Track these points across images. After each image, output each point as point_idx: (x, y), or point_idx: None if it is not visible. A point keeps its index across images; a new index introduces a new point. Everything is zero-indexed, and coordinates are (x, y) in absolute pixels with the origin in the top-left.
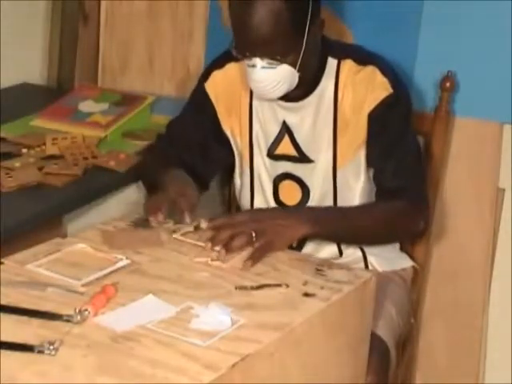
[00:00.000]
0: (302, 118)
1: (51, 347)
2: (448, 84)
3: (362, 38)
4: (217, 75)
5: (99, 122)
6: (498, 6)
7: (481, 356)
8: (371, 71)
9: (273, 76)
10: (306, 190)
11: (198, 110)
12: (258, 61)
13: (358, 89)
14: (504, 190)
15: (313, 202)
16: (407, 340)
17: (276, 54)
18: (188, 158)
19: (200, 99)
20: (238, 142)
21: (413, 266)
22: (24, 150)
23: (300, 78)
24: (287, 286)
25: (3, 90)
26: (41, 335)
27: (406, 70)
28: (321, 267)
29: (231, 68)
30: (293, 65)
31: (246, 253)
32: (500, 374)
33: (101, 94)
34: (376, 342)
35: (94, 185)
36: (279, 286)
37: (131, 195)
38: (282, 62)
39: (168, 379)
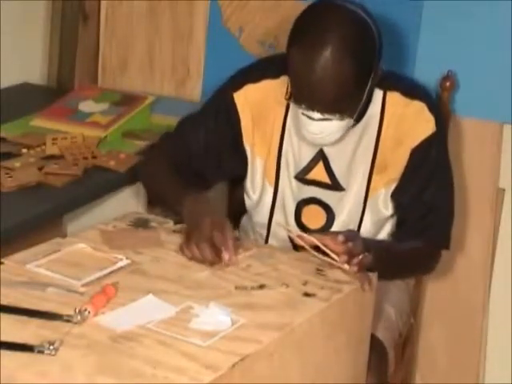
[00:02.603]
0: (341, 148)
1: (51, 347)
2: (448, 84)
3: None
4: (250, 88)
5: (99, 122)
6: (498, 6)
7: (481, 356)
8: (420, 108)
9: (330, 128)
10: (331, 216)
11: (220, 117)
12: (316, 114)
13: (404, 123)
14: (504, 190)
15: (335, 228)
16: (407, 340)
17: (336, 112)
18: (199, 163)
19: (225, 106)
20: (258, 160)
21: None
22: (24, 150)
23: None
24: (287, 285)
25: (3, 90)
26: (41, 335)
27: (406, 70)
28: (321, 267)
29: (267, 85)
30: (351, 116)
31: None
32: (500, 374)
33: (101, 94)
34: (374, 344)
35: (94, 185)
36: (279, 286)
37: (131, 195)
38: (341, 118)
39: (168, 379)
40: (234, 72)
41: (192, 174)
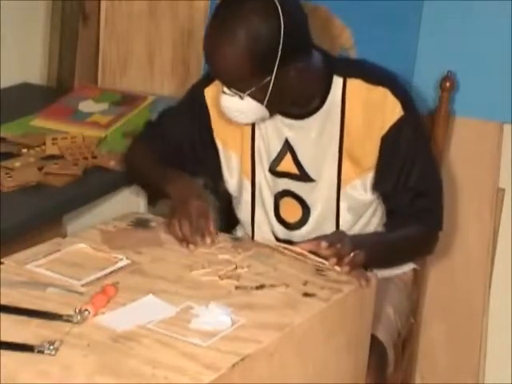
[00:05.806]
0: (305, 136)
1: (51, 347)
2: (448, 84)
3: (361, 37)
4: (219, 84)
5: (99, 122)
6: (498, 6)
7: (481, 356)
8: (383, 93)
9: (237, 105)
10: (306, 209)
11: (193, 112)
12: (225, 88)
13: (369, 110)
14: (504, 189)
15: (313, 220)
16: (407, 340)
17: (238, 90)
18: (176, 155)
19: (197, 101)
20: (233, 155)
21: (414, 268)
22: (24, 150)
23: (295, 99)
24: (287, 285)
25: (3, 90)
26: (41, 335)
27: (406, 70)
28: (321, 267)
29: None
30: (259, 101)
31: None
32: (500, 374)
33: (101, 93)
34: (374, 344)
35: (94, 185)
36: (279, 285)
37: (131, 195)
38: (245, 97)
39: (168, 379)
40: None
41: (171, 164)
